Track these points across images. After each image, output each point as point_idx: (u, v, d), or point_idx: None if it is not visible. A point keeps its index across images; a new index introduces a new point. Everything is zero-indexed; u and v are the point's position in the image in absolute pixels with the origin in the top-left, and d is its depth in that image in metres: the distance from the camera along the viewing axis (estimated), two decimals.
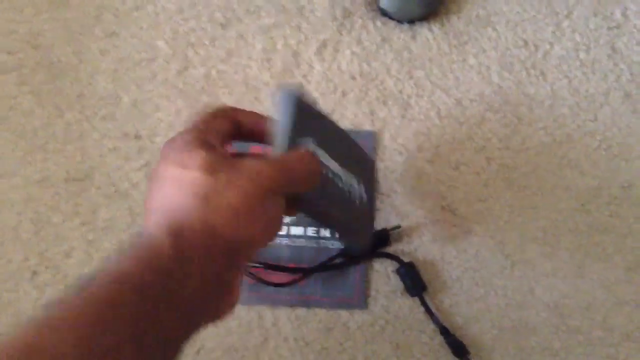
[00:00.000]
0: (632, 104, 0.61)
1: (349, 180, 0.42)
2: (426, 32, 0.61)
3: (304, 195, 0.36)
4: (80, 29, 0.60)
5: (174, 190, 0.30)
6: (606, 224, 0.59)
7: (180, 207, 0.29)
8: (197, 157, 0.30)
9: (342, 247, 0.57)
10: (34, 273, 0.56)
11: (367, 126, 0.59)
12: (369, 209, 0.47)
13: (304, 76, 0.60)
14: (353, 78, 0.60)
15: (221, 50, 0.60)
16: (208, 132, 0.33)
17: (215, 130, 0.34)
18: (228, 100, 0.59)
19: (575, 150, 0.60)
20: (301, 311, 0.56)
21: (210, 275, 0.29)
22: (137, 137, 0.59)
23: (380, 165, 0.59)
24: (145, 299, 0.25)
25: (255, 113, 0.37)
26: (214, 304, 0.31)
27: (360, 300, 0.57)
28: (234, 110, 0.37)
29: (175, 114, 0.59)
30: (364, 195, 0.45)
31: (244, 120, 0.36)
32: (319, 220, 0.40)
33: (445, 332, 0.55)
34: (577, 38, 0.62)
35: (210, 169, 0.30)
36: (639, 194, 0.59)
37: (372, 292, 0.57)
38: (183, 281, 0.27)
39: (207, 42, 0.60)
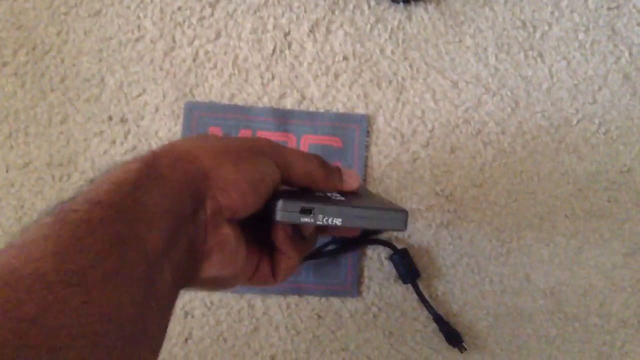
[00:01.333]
0: (632, 86, 0.59)
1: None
2: (422, 12, 0.59)
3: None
4: (64, 8, 0.58)
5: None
6: (604, 210, 0.58)
7: (174, 141, 0.31)
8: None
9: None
10: None
11: (360, 109, 0.58)
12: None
13: (296, 57, 0.58)
14: (346, 59, 0.58)
15: (210, 30, 0.58)
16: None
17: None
18: (217, 82, 0.57)
19: (573, 134, 0.59)
20: (292, 299, 0.55)
21: (183, 197, 0.28)
22: (123, 120, 0.57)
23: (373, 150, 0.57)
24: (119, 213, 0.24)
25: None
26: (192, 241, 0.29)
27: (352, 287, 0.55)
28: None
29: (162, 97, 0.57)
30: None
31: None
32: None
33: (439, 319, 0.54)
34: (576, 18, 0.60)
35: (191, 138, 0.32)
36: (638, 179, 0.58)
37: (365, 280, 0.56)
38: (151, 198, 0.26)
39: (195, 22, 0.58)
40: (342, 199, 0.36)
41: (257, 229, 0.36)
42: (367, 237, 0.56)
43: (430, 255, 0.56)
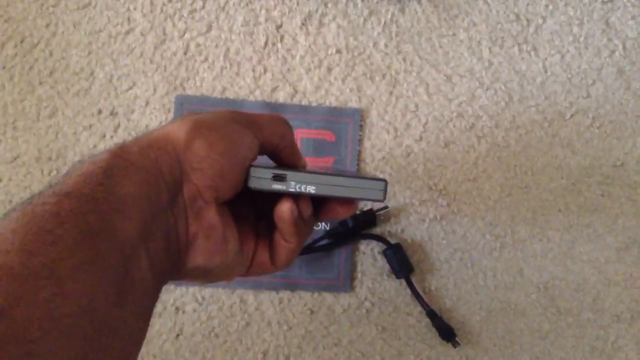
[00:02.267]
0: (626, 80, 0.59)
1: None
2: (415, 5, 0.59)
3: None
4: (52, 0, 0.57)
5: None
6: (597, 204, 0.58)
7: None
8: None
9: (328, 228, 0.56)
10: None
11: (353, 103, 0.57)
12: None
13: (288, 50, 0.57)
14: (339, 52, 0.57)
15: (201, 23, 0.57)
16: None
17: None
18: (208, 75, 0.56)
19: (566, 129, 0.58)
20: (285, 294, 0.55)
21: (156, 185, 0.27)
22: (113, 114, 0.56)
23: (366, 144, 0.57)
24: (89, 204, 0.24)
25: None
26: (174, 230, 0.28)
27: (345, 282, 0.55)
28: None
29: (153, 90, 0.56)
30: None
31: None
32: None
33: (432, 314, 0.54)
34: (570, 12, 0.60)
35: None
36: (631, 173, 0.58)
37: (358, 275, 0.55)
38: (121, 189, 0.25)
39: (185, 14, 0.57)
40: (318, 169, 0.36)
41: (252, 214, 0.35)
42: (359, 232, 0.55)
43: (424, 249, 0.56)
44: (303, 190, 0.32)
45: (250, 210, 0.35)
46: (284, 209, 0.32)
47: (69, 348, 0.21)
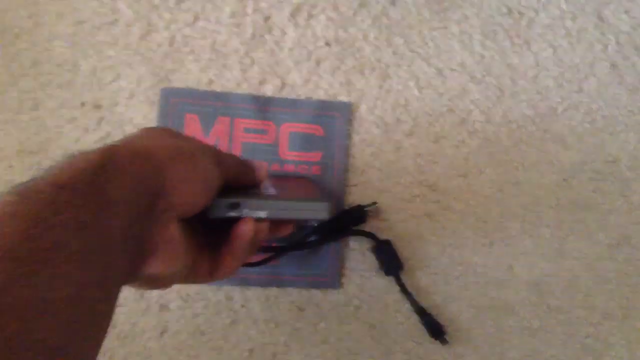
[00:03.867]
0: (619, 75, 0.59)
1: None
2: None
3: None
4: None
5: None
6: (589, 200, 0.57)
7: (127, 136, 0.32)
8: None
9: (316, 224, 0.55)
10: None
11: (342, 97, 0.56)
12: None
13: (276, 42, 0.56)
14: (328, 45, 0.56)
15: (187, 14, 0.56)
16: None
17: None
18: (194, 67, 0.55)
19: (558, 124, 0.58)
20: (272, 291, 0.54)
21: (139, 192, 0.29)
22: (97, 106, 0.55)
23: (356, 139, 0.56)
24: (82, 199, 0.25)
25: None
26: (146, 234, 0.30)
27: (334, 279, 0.54)
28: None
29: (138, 82, 0.55)
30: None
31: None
32: None
33: (421, 312, 0.53)
34: (563, 5, 0.59)
35: (149, 134, 0.34)
36: (623, 169, 0.57)
37: (347, 271, 0.54)
38: (111, 188, 0.27)
39: (172, 5, 0.56)
40: (273, 193, 0.40)
41: (195, 228, 0.37)
42: (349, 228, 0.54)
43: (413, 246, 0.55)
44: (255, 215, 0.36)
45: (196, 225, 0.38)
46: (246, 228, 0.36)
47: (58, 332, 0.22)
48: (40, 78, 0.55)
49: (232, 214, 0.36)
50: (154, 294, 0.53)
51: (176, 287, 0.53)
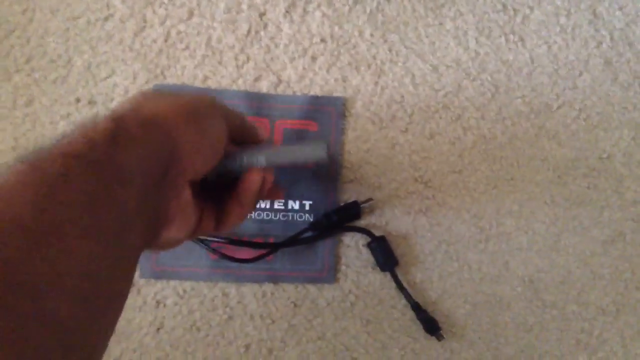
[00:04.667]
0: (613, 72, 0.59)
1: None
2: None
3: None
4: None
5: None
6: (583, 196, 0.57)
7: (129, 101, 0.30)
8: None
9: (312, 220, 0.55)
10: None
11: (338, 93, 0.56)
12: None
13: (272, 39, 0.56)
14: (323, 41, 0.56)
15: (182, 10, 0.56)
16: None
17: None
18: (189, 63, 0.55)
19: (553, 120, 0.58)
20: (268, 287, 0.54)
21: (153, 161, 0.28)
22: (91, 102, 0.54)
23: (351, 135, 0.56)
24: (94, 170, 0.25)
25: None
26: (160, 205, 0.30)
27: (329, 275, 0.54)
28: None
29: (132, 78, 0.55)
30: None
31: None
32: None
33: (417, 307, 0.53)
34: (558, 2, 0.59)
35: (154, 96, 0.32)
36: (618, 166, 0.58)
37: (342, 267, 0.55)
38: (125, 159, 0.26)
39: (166, 1, 0.55)
40: (267, 144, 0.41)
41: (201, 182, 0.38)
42: (344, 224, 0.54)
43: (409, 242, 0.55)
44: (255, 163, 0.36)
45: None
46: (255, 179, 0.36)
47: (70, 307, 0.22)
48: (35, 74, 0.55)
49: (232, 162, 0.36)
50: (150, 290, 0.53)
51: (172, 283, 0.53)
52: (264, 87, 0.55)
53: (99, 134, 0.26)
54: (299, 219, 0.55)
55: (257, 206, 0.54)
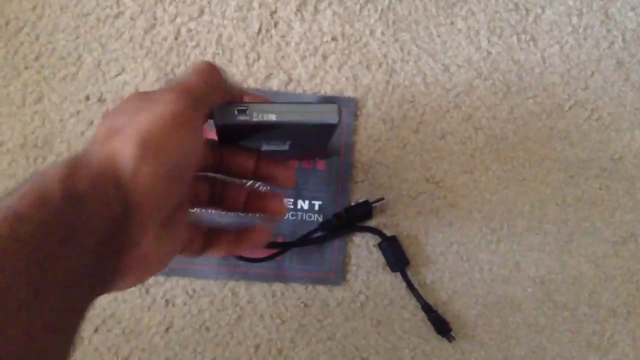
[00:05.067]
0: (625, 72, 0.58)
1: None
2: None
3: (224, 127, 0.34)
4: None
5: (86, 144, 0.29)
6: (595, 197, 0.57)
7: (80, 151, 0.28)
8: (112, 109, 0.30)
9: (321, 220, 0.54)
10: None
11: (349, 92, 0.56)
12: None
13: (282, 37, 0.56)
14: (334, 40, 0.56)
15: (192, 8, 0.55)
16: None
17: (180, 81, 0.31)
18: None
19: (564, 121, 0.57)
20: (278, 287, 0.53)
21: (105, 220, 0.26)
22: (101, 100, 0.54)
23: (362, 135, 0.56)
24: (42, 232, 0.23)
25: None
26: (113, 261, 0.28)
27: (337, 275, 0.54)
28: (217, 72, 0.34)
29: (142, 76, 0.54)
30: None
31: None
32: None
33: (427, 308, 0.53)
34: (570, 2, 0.59)
35: (115, 115, 0.29)
36: (629, 166, 0.57)
37: (353, 268, 0.54)
38: (76, 218, 0.25)
39: None
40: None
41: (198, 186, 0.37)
42: (354, 224, 0.54)
43: (420, 242, 0.55)
44: (265, 118, 0.34)
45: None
46: (262, 238, 0.38)
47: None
48: (44, 71, 0.54)
49: (242, 118, 0.33)
50: (159, 289, 0.52)
51: (182, 282, 0.52)
52: (274, 85, 0.55)
53: (49, 192, 0.24)
54: (307, 219, 0.55)
55: None
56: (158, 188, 0.28)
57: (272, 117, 0.34)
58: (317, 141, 0.41)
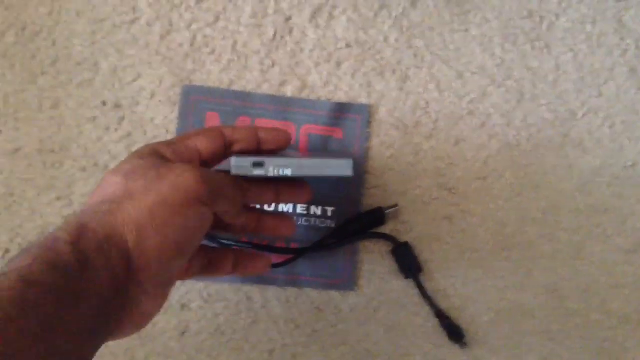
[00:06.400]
0: (638, 80, 0.59)
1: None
2: (427, 0, 0.57)
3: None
4: None
5: (97, 195, 0.31)
6: (607, 205, 0.57)
7: (91, 209, 0.30)
8: (128, 163, 0.32)
9: (333, 226, 0.55)
10: (6, 251, 0.53)
11: (362, 99, 0.56)
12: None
13: (297, 43, 0.56)
14: (349, 46, 0.56)
15: (208, 14, 0.56)
16: (177, 145, 0.35)
17: (191, 147, 0.36)
18: (215, 68, 0.55)
19: (578, 128, 0.58)
20: (292, 292, 0.54)
21: (109, 284, 0.28)
22: (117, 106, 0.55)
23: (375, 142, 0.56)
24: (50, 297, 0.25)
25: (249, 129, 0.39)
26: (115, 319, 0.30)
27: (349, 281, 0.54)
28: (225, 128, 0.38)
29: (158, 82, 0.55)
30: None
31: (237, 138, 0.38)
32: None
33: (440, 314, 0.53)
34: (584, 10, 0.59)
35: (132, 174, 0.31)
36: None
37: (366, 274, 0.55)
38: (83, 282, 0.26)
39: (192, 5, 0.55)
40: (293, 153, 0.40)
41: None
42: (367, 230, 0.54)
43: (433, 249, 0.55)
44: (281, 173, 0.36)
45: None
46: (259, 270, 0.44)
47: None
48: (60, 77, 0.55)
49: (257, 172, 0.35)
50: (175, 294, 0.53)
51: (198, 287, 0.53)
52: (288, 91, 0.55)
53: (58, 257, 0.26)
54: (320, 225, 0.55)
55: (280, 209, 0.55)
56: (161, 258, 0.30)
57: (288, 172, 0.36)
58: (328, 183, 0.46)
